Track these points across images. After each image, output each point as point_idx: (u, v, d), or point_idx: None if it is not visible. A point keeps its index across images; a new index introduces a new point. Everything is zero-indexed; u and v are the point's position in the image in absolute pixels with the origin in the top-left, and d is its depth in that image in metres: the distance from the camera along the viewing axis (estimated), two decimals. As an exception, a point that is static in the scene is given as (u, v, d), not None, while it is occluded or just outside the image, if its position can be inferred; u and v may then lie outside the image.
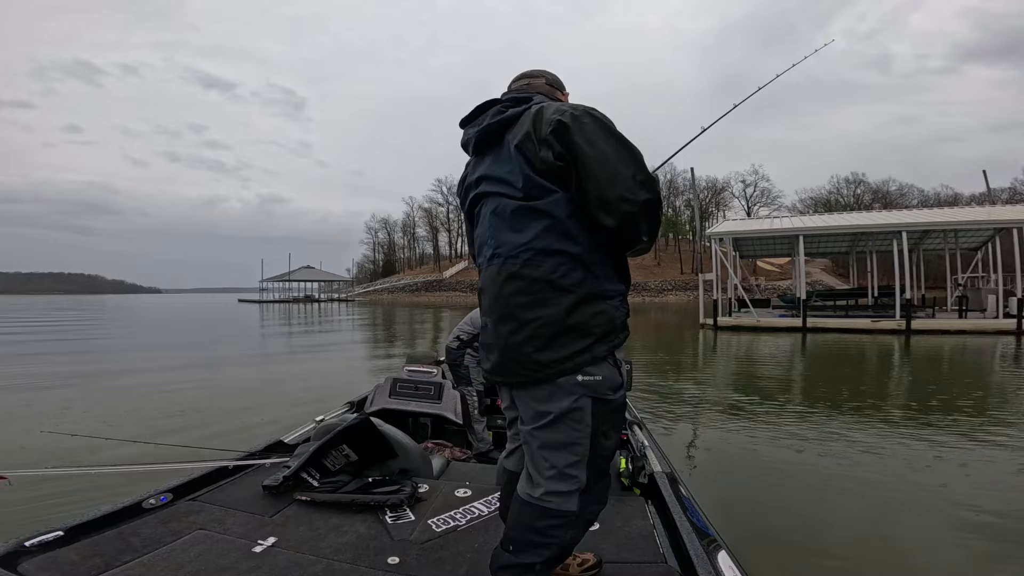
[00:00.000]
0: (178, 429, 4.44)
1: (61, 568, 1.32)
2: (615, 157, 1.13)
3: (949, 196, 48.50)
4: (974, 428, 4.40)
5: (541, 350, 1.14)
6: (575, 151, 1.12)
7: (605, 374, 1.16)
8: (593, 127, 1.14)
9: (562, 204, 1.15)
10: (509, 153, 1.22)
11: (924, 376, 7.54)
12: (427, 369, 3.24)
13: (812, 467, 3.53)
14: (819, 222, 19.51)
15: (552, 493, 1.16)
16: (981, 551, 2.39)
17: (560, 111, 1.17)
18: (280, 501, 1.81)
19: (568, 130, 1.13)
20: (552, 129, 1.14)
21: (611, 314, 1.18)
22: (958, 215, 16.56)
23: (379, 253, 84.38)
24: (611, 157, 1.12)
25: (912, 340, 11.71)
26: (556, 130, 1.14)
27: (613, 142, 1.14)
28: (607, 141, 1.14)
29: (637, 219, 1.13)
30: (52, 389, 6.56)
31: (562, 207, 1.15)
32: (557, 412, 1.15)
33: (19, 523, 1.64)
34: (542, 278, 1.15)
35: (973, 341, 11.23)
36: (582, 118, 1.15)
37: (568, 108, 1.17)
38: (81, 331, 17.57)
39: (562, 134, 1.13)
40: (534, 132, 1.17)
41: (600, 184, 1.11)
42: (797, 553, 2.36)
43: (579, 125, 1.14)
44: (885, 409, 5.29)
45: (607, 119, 1.18)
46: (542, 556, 1.16)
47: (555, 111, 1.17)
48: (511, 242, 1.19)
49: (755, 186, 58.81)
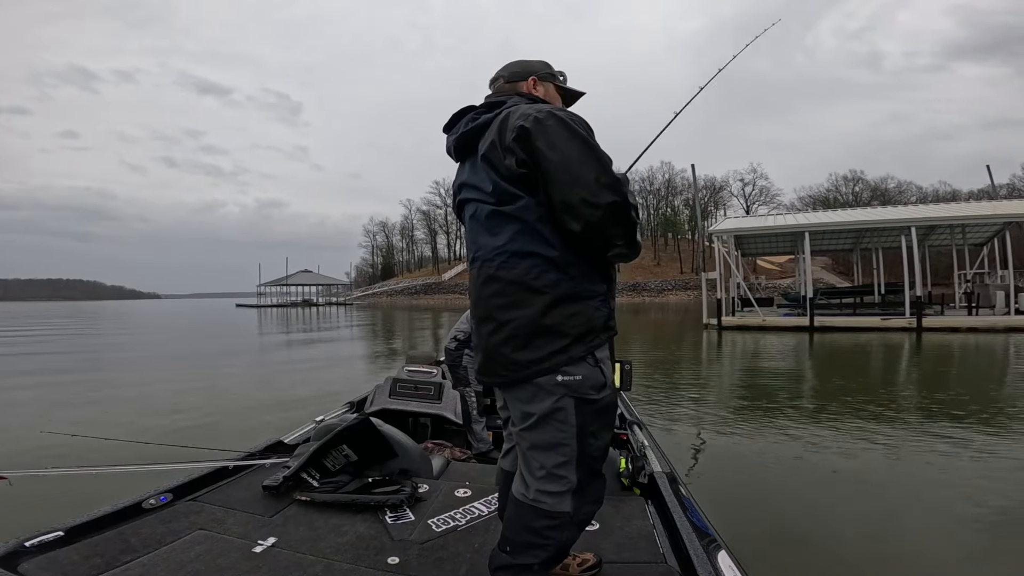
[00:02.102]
0: (178, 429, 4.44)
1: (61, 568, 1.32)
2: (578, 160, 1.10)
3: (948, 193, 48.49)
4: (997, 429, 4.25)
5: (519, 350, 1.15)
6: (537, 156, 1.11)
7: (585, 373, 1.16)
8: (556, 129, 1.12)
9: (531, 208, 1.15)
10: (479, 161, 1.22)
11: (945, 375, 7.40)
12: (427, 369, 3.25)
13: (813, 468, 3.53)
14: (825, 218, 18.81)
15: (544, 493, 1.16)
16: (982, 551, 2.39)
17: (524, 115, 1.14)
18: (280, 501, 1.81)
19: (530, 135, 1.12)
20: (515, 136, 1.13)
21: (589, 315, 1.17)
22: (968, 209, 16.25)
23: (377, 256, 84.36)
24: (573, 160, 1.10)
25: (923, 338, 11.41)
26: (519, 136, 1.13)
27: (577, 144, 1.12)
28: (570, 144, 1.11)
29: (603, 223, 1.11)
30: (51, 389, 6.55)
31: (531, 211, 1.15)
32: (540, 413, 1.15)
33: (19, 523, 1.63)
34: (517, 280, 1.16)
35: (985, 339, 10.90)
36: (545, 121, 1.12)
37: (532, 112, 1.15)
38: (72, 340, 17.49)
39: (524, 140, 1.12)
40: (499, 140, 1.17)
41: (563, 188, 1.10)
42: (797, 553, 2.36)
43: (541, 128, 1.12)
44: (899, 409, 5.19)
45: (572, 119, 1.16)
46: (539, 557, 1.16)
47: (519, 116, 1.15)
48: (488, 245, 1.21)
49: (754, 185, 58.83)
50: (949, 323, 12.80)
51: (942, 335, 11.68)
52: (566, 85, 1.42)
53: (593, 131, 1.22)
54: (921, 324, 12.49)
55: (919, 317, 12.65)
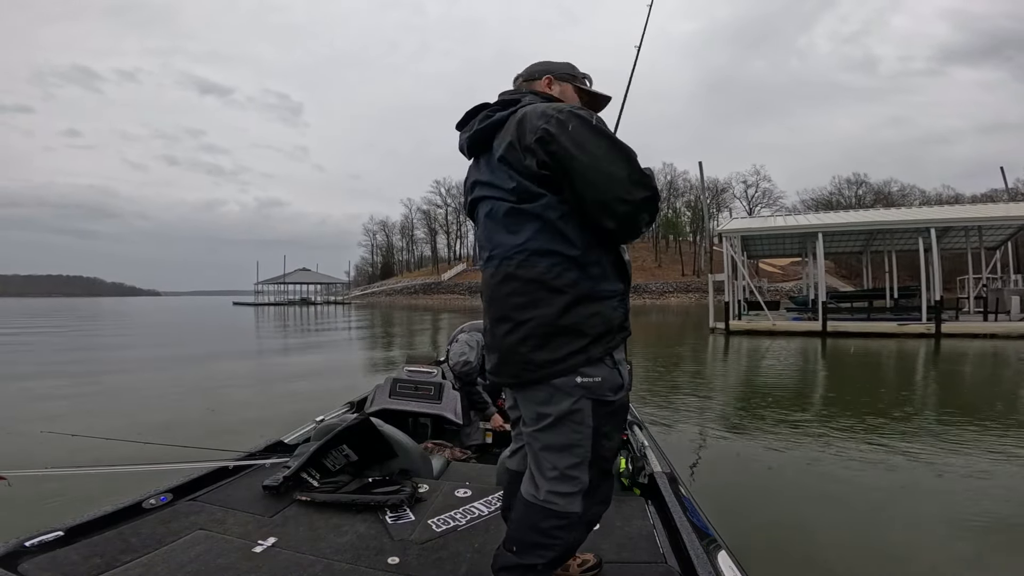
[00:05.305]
0: (178, 429, 4.44)
1: (61, 568, 1.32)
2: (607, 159, 1.10)
3: (951, 196, 48.46)
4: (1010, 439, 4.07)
5: (536, 350, 1.14)
6: (564, 158, 1.10)
7: (604, 375, 1.15)
8: (580, 129, 1.11)
9: (553, 207, 1.14)
10: (496, 160, 1.22)
11: (970, 383, 7.12)
12: (427, 369, 3.24)
13: (815, 468, 3.52)
14: (837, 219, 18.01)
15: (555, 494, 1.16)
16: (984, 552, 2.39)
17: (546, 116, 1.13)
18: (280, 501, 1.81)
19: (554, 138, 1.10)
20: (537, 138, 1.12)
21: (607, 315, 1.17)
22: (989, 211, 15.60)
23: (377, 255, 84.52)
24: (603, 160, 1.10)
25: (944, 344, 10.81)
26: (541, 139, 1.11)
27: (604, 143, 1.11)
28: (597, 143, 1.11)
29: (637, 217, 1.13)
30: (51, 389, 6.55)
31: (553, 210, 1.14)
32: (557, 414, 1.15)
33: (19, 523, 1.63)
34: (536, 279, 1.15)
35: (1008, 345, 10.24)
36: (568, 122, 1.11)
37: (553, 112, 1.14)
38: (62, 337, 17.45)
39: (547, 143, 1.11)
40: (517, 140, 1.16)
41: (596, 189, 1.10)
42: (798, 553, 2.36)
43: (565, 130, 1.10)
44: (911, 416, 5.01)
45: (594, 118, 1.15)
46: (545, 557, 1.16)
47: (540, 116, 1.14)
48: (506, 243, 1.20)
49: (756, 187, 58.87)
50: (967, 329, 12.17)
51: (962, 341, 11.10)
52: (591, 88, 1.39)
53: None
54: (940, 330, 11.88)
55: (938, 322, 12.01)
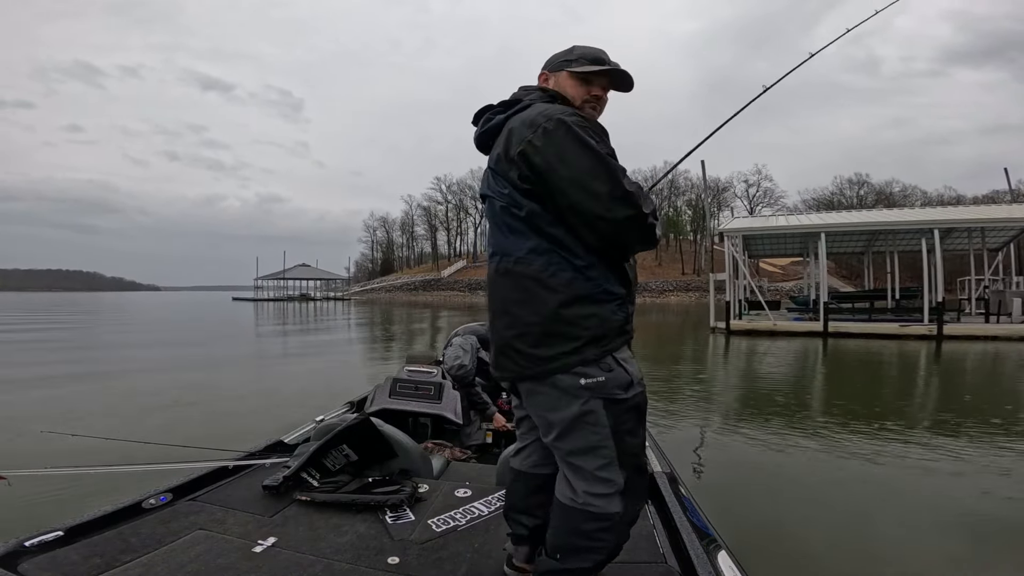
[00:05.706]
0: (178, 429, 4.44)
1: (61, 568, 1.32)
2: (590, 175, 1.08)
3: (952, 198, 48.42)
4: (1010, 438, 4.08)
5: (532, 347, 1.15)
6: (545, 172, 1.10)
7: (608, 375, 1.14)
8: (566, 140, 1.10)
9: (541, 215, 1.15)
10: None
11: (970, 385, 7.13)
12: (427, 369, 3.23)
13: (815, 468, 3.53)
14: (840, 219, 17.93)
15: (592, 496, 1.15)
16: (984, 552, 2.39)
17: (533, 126, 1.12)
18: (280, 501, 1.81)
19: (537, 151, 1.10)
20: (520, 151, 1.12)
21: (604, 317, 1.15)
22: (994, 212, 15.53)
23: (377, 252, 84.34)
24: (585, 175, 1.09)
25: (945, 346, 10.80)
26: (523, 152, 1.12)
27: (588, 156, 1.09)
28: (582, 155, 1.09)
29: (620, 236, 1.12)
30: (51, 389, 6.55)
31: (544, 216, 1.15)
32: (569, 418, 1.14)
33: (19, 523, 1.63)
34: (532, 276, 1.15)
35: (1011, 348, 10.19)
36: (554, 132, 1.10)
37: (541, 122, 1.12)
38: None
39: (528, 156, 1.11)
40: (504, 152, 1.17)
41: (576, 203, 1.10)
42: (798, 554, 2.36)
43: (549, 140, 1.10)
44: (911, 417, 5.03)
45: (582, 127, 1.12)
46: (591, 560, 1.16)
47: (528, 126, 1.13)
48: (505, 243, 1.21)
49: (758, 186, 58.83)
50: (969, 331, 12.17)
51: (963, 343, 11.11)
52: (580, 69, 1.25)
53: (607, 133, 1.20)
54: (942, 331, 11.85)
55: (940, 324, 12.00)
